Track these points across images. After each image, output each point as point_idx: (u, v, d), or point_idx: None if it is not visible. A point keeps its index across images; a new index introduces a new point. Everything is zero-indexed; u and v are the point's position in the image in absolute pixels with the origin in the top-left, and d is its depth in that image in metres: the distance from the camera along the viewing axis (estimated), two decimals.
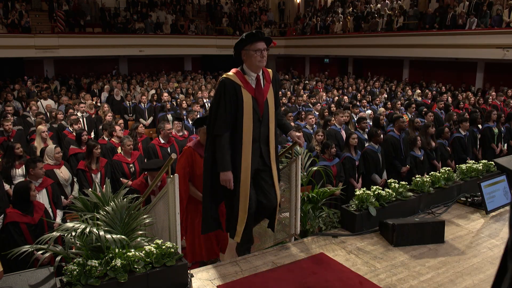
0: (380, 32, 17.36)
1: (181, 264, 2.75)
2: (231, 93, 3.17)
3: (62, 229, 2.62)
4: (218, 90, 3.26)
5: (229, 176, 3.17)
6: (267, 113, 3.28)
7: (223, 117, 3.16)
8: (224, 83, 3.21)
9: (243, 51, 3.26)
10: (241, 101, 3.17)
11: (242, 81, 3.22)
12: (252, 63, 3.21)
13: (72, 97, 11.98)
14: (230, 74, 3.26)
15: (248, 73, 3.25)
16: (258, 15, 23.25)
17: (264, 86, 3.29)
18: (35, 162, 4.65)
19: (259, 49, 3.17)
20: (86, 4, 18.73)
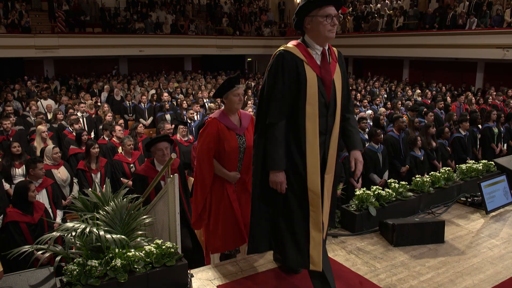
0: (380, 32, 17.36)
1: (181, 264, 2.74)
2: (291, 69, 2.55)
3: (62, 229, 2.62)
4: (274, 66, 2.60)
5: (280, 177, 2.57)
6: (334, 98, 2.63)
7: (280, 100, 2.55)
8: (283, 56, 2.57)
9: (307, 18, 2.60)
10: (303, 80, 2.54)
11: (305, 55, 2.59)
12: (320, 33, 2.57)
13: (72, 97, 11.98)
14: (290, 46, 2.63)
15: (312, 46, 2.62)
16: (258, 15, 23.25)
17: (330, 63, 2.66)
18: (35, 162, 4.65)
19: (330, 15, 2.53)
20: (86, 4, 18.73)
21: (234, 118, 3.44)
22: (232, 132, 3.41)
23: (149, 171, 4.00)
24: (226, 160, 3.39)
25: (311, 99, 2.54)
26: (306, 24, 2.62)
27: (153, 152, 4.00)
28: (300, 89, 2.54)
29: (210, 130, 3.36)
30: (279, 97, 2.56)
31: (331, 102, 2.60)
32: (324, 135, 2.61)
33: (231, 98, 3.36)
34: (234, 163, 3.45)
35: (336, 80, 2.65)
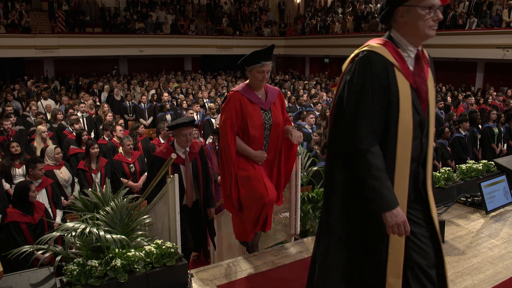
0: (380, 32, 17.35)
1: (181, 264, 2.74)
2: (381, 77, 1.96)
3: (62, 229, 2.62)
4: (358, 73, 1.99)
5: (401, 215, 1.93)
6: (428, 115, 2.07)
7: (371, 118, 1.95)
8: (369, 60, 1.99)
9: (401, 8, 1.99)
10: (395, 91, 1.96)
11: (396, 58, 2.00)
12: (417, 29, 1.98)
13: (72, 97, 11.99)
14: (375, 45, 2.06)
15: (404, 46, 2.04)
16: (258, 15, 23.26)
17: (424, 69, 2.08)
18: (35, 162, 4.65)
19: (434, 6, 1.95)
20: (86, 4, 18.73)
21: (259, 92, 3.21)
22: (256, 106, 3.16)
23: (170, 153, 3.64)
24: (250, 138, 3.14)
25: (405, 116, 1.95)
26: (398, 16, 2.02)
27: (176, 135, 3.74)
28: (391, 104, 1.95)
29: (232, 104, 3.10)
30: (369, 115, 1.94)
31: (425, 119, 2.04)
32: (417, 162, 2.06)
33: (255, 74, 3.11)
34: (259, 141, 3.18)
35: (430, 91, 2.07)
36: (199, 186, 3.82)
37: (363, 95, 1.95)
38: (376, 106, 1.95)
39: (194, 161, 3.79)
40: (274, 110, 3.22)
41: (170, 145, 3.84)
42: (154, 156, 3.82)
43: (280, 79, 17.20)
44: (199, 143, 3.90)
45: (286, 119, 3.36)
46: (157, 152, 3.83)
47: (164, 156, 3.70)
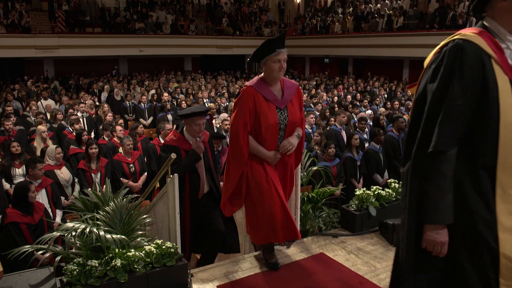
0: (380, 32, 17.36)
1: (181, 264, 2.75)
2: (474, 70, 1.68)
3: (62, 229, 2.62)
4: (447, 65, 1.72)
5: (443, 236, 1.73)
6: None
7: (455, 118, 1.69)
8: (463, 49, 1.70)
9: None
10: (493, 88, 1.67)
11: (494, 50, 1.71)
12: None
13: (72, 97, 11.99)
14: (470, 34, 1.74)
15: (503, 36, 1.75)
16: (258, 15, 23.26)
17: None
18: (35, 162, 4.64)
19: None
20: (86, 4, 18.74)
21: (275, 87, 2.99)
22: (271, 104, 2.94)
23: (180, 141, 3.54)
24: (263, 137, 2.94)
25: (507, 115, 1.65)
26: (499, 1, 1.72)
27: (188, 123, 3.53)
28: (488, 102, 1.67)
29: (245, 100, 2.90)
30: (454, 114, 1.67)
31: None
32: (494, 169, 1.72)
33: (270, 65, 2.88)
34: (273, 141, 2.98)
35: None
36: (212, 176, 3.69)
37: (450, 92, 1.68)
38: (464, 104, 1.67)
39: (205, 151, 3.64)
40: (290, 108, 3.00)
41: (180, 133, 3.62)
42: (165, 145, 3.61)
43: None
44: (207, 132, 3.75)
45: (302, 118, 3.14)
46: (167, 140, 3.62)
47: (175, 143, 3.52)
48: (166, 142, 3.59)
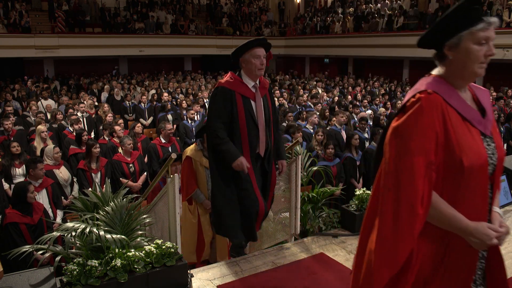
0: (380, 32, 17.36)
1: (181, 264, 2.75)
2: None
3: (62, 229, 2.62)
4: None
5: None
6: None
7: None
8: None
9: None
10: None
11: None
12: None
13: (72, 97, 11.99)
14: None
15: None
16: (258, 15, 23.26)
17: None
18: (35, 162, 4.65)
19: None
20: (86, 4, 18.74)
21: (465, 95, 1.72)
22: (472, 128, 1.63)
23: (237, 84, 3.11)
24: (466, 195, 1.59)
25: None
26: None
27: (246, 60, 3.08)
28: None
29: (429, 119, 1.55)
30: None
31: None
32: None
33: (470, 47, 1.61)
34: (482, 200, 1.64)
35: None
36: (270, 131, 3.25)
37: None
38: None
39: (265, 99, 3.23)
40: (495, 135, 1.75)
41: (238, 75, 3.18)
42: (219, 87, 3.14)
43: (280, 79, 17.20)
44: (266, 80, 3.34)
45: None
46: (222, 82, 3.16)
47: (230, 86, 3.09)
48: (221, 84, 3.15)
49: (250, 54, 3.08)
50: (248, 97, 3.14)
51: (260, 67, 3.09)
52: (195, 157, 3.93)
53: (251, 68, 3.10)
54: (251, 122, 3.13)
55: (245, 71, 3.16)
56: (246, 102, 3.12)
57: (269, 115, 3.23)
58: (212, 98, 3.20)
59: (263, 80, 3.26)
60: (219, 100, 3.11)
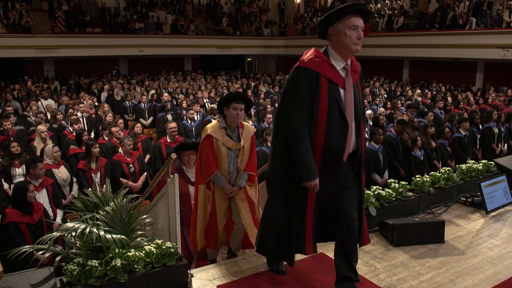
0: (380, 32, 17.36)
1: (181, 264, 2.74)
2: None
3: (62, 229, 2.62)
4: None
5: None
6: None
7: None
8: None
9: None
10: None
11: None
12: None
13: (72, 97, 11.99)
14: None
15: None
16: (258, 15, 23.26)
17: None
18: (35, 162, 4.65)
19: None
20: (86, 4, 18.73)
21: None
22: None
23: (323, 65, 2.49)
24: None
25: None
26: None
27: (338, 33, 2.47)
28: None
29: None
30: None
31: None
32: None
33: None
34: None
35: None
36: (361, 130, 2.62)
37: None
38: None
39: (356, 87, 2.58)
40: None
41: (323, 52, 2.56)
42: (299, 67, 2.52)
43: (280, 79, 17.19)
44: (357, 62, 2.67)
45: None
46: (304, 61, 2.52)
47: (315, 67, 2.48)
48: (303, 64, 2.50)
49: (345, 24, 2.43)
50: (336, 83, 2.49)
51: (356, 42, 2.44)
52: (217, 136, 3.50)
53: (344, 42, 2.44)
54: (336, 116, 2.48)
55: (335, 47, 2.50)
56: (333, 89, 2.48)
57: (360, 108, 2.57)
58: (291, 81, 2.52)
59: (354, 62, 2.60)
60: (302, 85, 2.46)
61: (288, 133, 2.49)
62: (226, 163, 3.51)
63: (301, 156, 2.45)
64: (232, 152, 3.52)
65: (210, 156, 3.47)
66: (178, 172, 3.94)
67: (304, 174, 2.46)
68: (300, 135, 2.44)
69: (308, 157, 2.44)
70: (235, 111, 3.43)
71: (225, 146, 3.49)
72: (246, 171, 3.59)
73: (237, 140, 3.54)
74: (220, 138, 3.49)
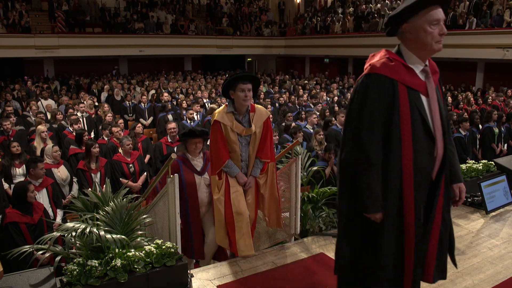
0: (380, 32, 17.35)
1: (181, 264, 2.74)
2: None
3: (62, 229, 2.62)
4: None
5: None
6: None
7: None
8: None
9: None
10: None
11: None
12: None
13: (72, 97, 11.99)
14: None
15: None
16: (258, 15, 23.26)
17: None
18: (35, 162, 4.65)
19: None
20: (86, 4, 18.74)
21: None
22: None
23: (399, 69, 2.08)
24: None
25: None
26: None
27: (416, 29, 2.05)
28: None
29: None
30: None
31: None
32: None
33: None
34: None
35: None
36: (449, 142, 2.22)
37: None
38: None
39: (437, 92, 2.19)
40: None
41: (397, 53, 2.15)
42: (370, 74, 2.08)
43: (280, 79, 17.20)
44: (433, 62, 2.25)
45: None
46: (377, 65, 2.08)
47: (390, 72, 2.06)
48: (375, 70, 2.08)
49: (425, 18, 2.01)
50: (417, 90, 2.07)
51: (438, 40, 2.05)
52: (224, 121, 3.26)
53: (424, 41, 2.03)
54: (420, 130, 2.06)
55: (411, 47, 2.09)
56: (414, 98, 2.06)
57: (445, 117, 2.18)
58: (362, 91, 2.10)
59: (430, 61, 2.19)
60: (375, 96, 2.04)
61: (359, 155, 2.08)
62: (237, 150, 3.25)
63: (370, 184, 2.07)
64: (243, 138, 3.25)
65: (219, 144, 3.22)
66: (183, 161, 3.69)
67: (369, 203, 2.09)
68: (371, 157, 2.05)
69: (377, 185, 2.08)
70: (243, 92, 3.17)
71: (235, 132, 3.24)
72: (260, 159, 3.31)
73: (248, 126, 3.26)
74: (228, 124, 3.22)
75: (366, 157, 2.06)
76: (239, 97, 3.17)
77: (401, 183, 2.07)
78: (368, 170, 2.07)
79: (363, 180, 2.09)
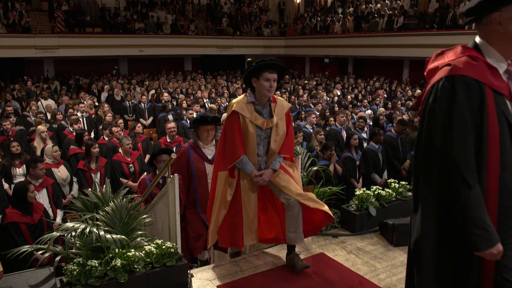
0: (380, 32, 17.36)
1: (181, 264, 2.75)
2: None
3: (62, 229, 2.62)
4: None
5: None
6: None
7: None
8: None
9: None
10: None
11: None
12: None
13: (72, 97, 12.00)
14: None
15: None
16: (258, 15, 23.26)
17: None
18: (35, 162, 4.65)
19: None
20: (86, 4, 18.74)
21: None
22: None
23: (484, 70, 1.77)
24: None
25: None
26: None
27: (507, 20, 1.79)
28: None
29: None
30: None
31: None
32: None
33: None
34: None
35: None
36: None
37: None
38: None
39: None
40: None
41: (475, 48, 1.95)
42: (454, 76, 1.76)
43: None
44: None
45: None
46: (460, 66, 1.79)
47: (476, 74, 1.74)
48: (459, 71, 1.75)
49: None
50: (502, 93, 1.76)
51: None
52: (243, 112, 2.98)
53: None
54: (508, 142, 1.73)
55: (498, 42, 1.80)
56: (500, 104, 1.74)
57: None
58: (444, 97, 1.74)
59: None
60: (464, 103, 1.70)
61: (452, 177, 1.68)
62: (254, 145, 3.00)
63: (472, 211, 1.65)
64: (262, 131, 3.00)
65: (236, 137, 2.95)
66: (193, 148, 3.60)
67: (479, 238, 1.65)
68: (470, 179, 1.66)
69: (483, 213, 1.66)
70: (268, 82, 2.94)
71: (253, 124, 2.98)
72: (280, 154, 3.05)
73: (269, 117, 3.02)
74: (248, 115, 2.97)
75: (461, 178, 1.66)
76: (263, 86, 2.94)
77: None
78: (465, 195, 1.66)
79: (463, 208, 1.67)
